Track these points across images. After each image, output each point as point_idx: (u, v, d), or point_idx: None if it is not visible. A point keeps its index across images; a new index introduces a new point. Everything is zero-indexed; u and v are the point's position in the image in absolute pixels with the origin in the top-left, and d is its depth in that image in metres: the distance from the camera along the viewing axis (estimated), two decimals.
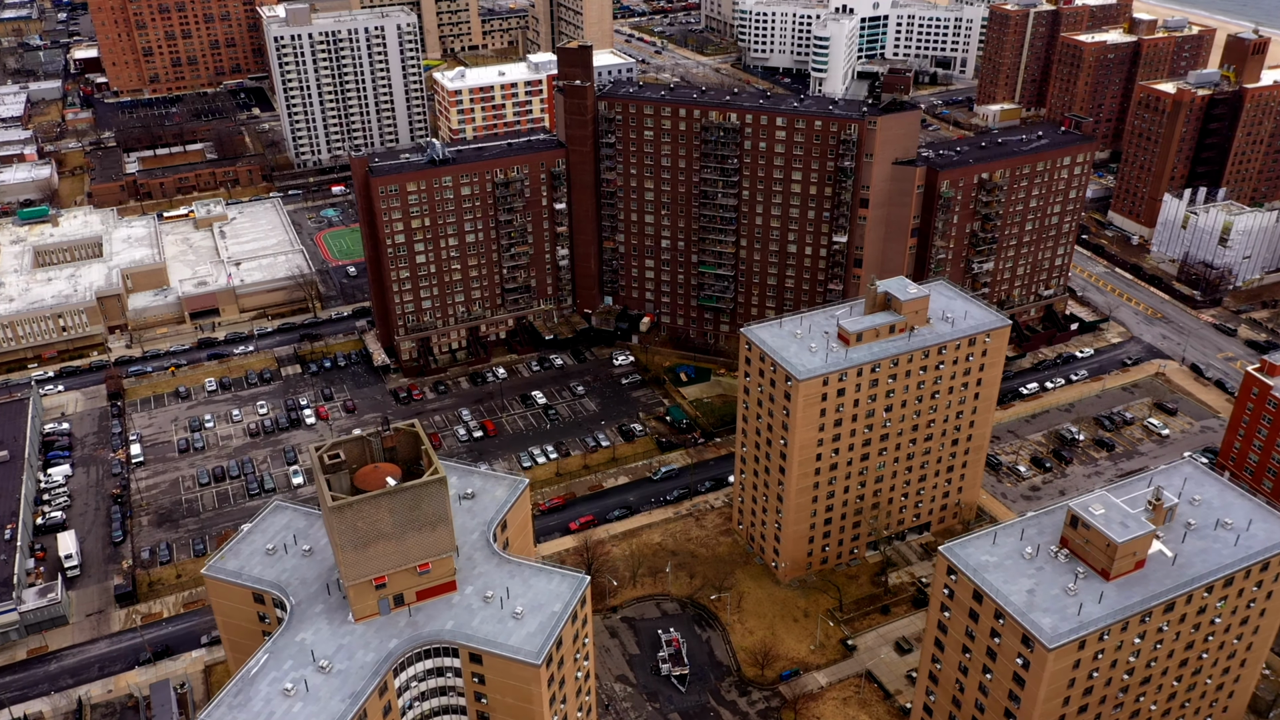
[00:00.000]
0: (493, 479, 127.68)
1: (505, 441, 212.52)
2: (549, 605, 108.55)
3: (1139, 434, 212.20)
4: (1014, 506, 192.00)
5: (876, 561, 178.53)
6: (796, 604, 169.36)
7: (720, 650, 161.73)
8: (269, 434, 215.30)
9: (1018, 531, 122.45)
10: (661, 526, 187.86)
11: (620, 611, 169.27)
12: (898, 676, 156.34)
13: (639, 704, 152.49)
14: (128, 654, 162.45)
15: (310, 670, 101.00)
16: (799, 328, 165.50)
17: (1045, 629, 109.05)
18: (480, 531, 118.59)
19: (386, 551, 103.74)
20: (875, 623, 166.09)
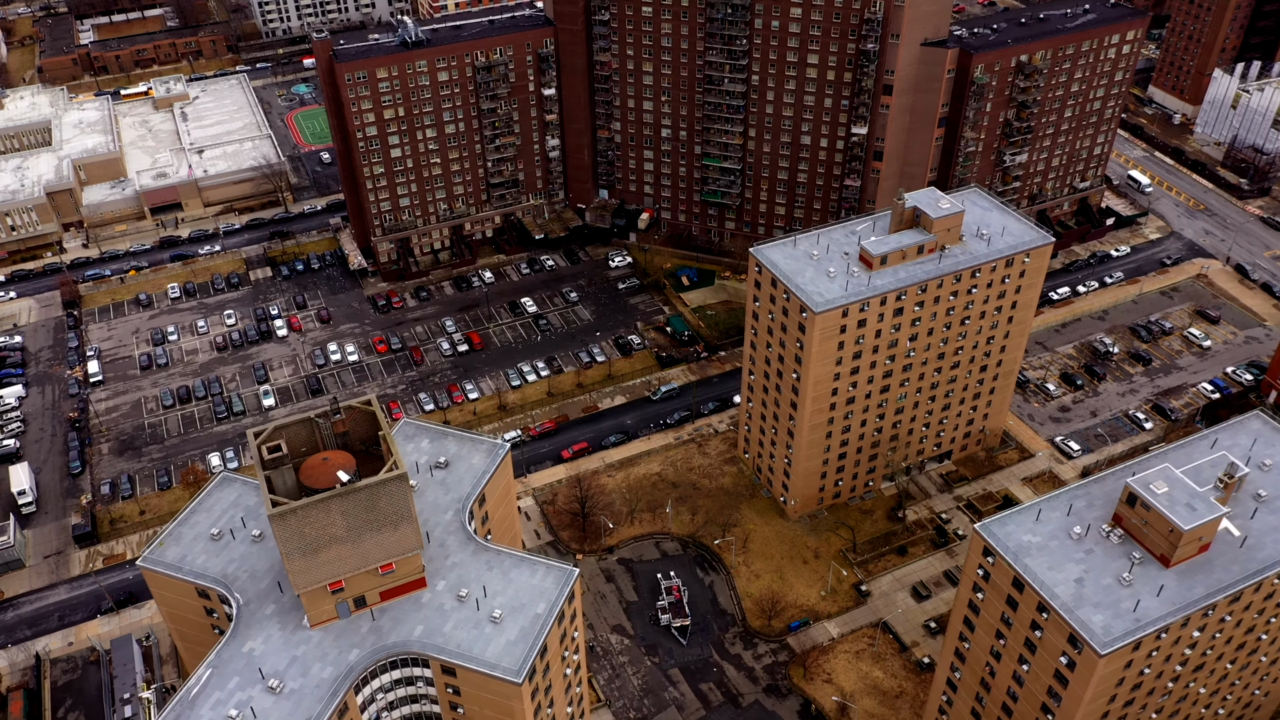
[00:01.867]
0: (469, 443, 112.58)
1: (492, 356, 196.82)
2: (532, 606, 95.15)
3: (1178, 345, 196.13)
4: (1041, 430, 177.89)
5: (893, 495, 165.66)
6: (806, 544, 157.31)
7: (724, 597, 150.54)
8: (237, 348, 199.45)
9: (1064, 505, 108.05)
10: (661, 454, 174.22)
11: (617, 553, 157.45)
12: (914, 626, 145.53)
13: (636, 658, 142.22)
14: (89, 601, 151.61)
15: (259, 690, 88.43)
16: (815, 247, 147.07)
17: (1096, 630, 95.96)
18: (455, 510, 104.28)
19: (341, 555, 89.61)
20: (891, 565, 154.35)
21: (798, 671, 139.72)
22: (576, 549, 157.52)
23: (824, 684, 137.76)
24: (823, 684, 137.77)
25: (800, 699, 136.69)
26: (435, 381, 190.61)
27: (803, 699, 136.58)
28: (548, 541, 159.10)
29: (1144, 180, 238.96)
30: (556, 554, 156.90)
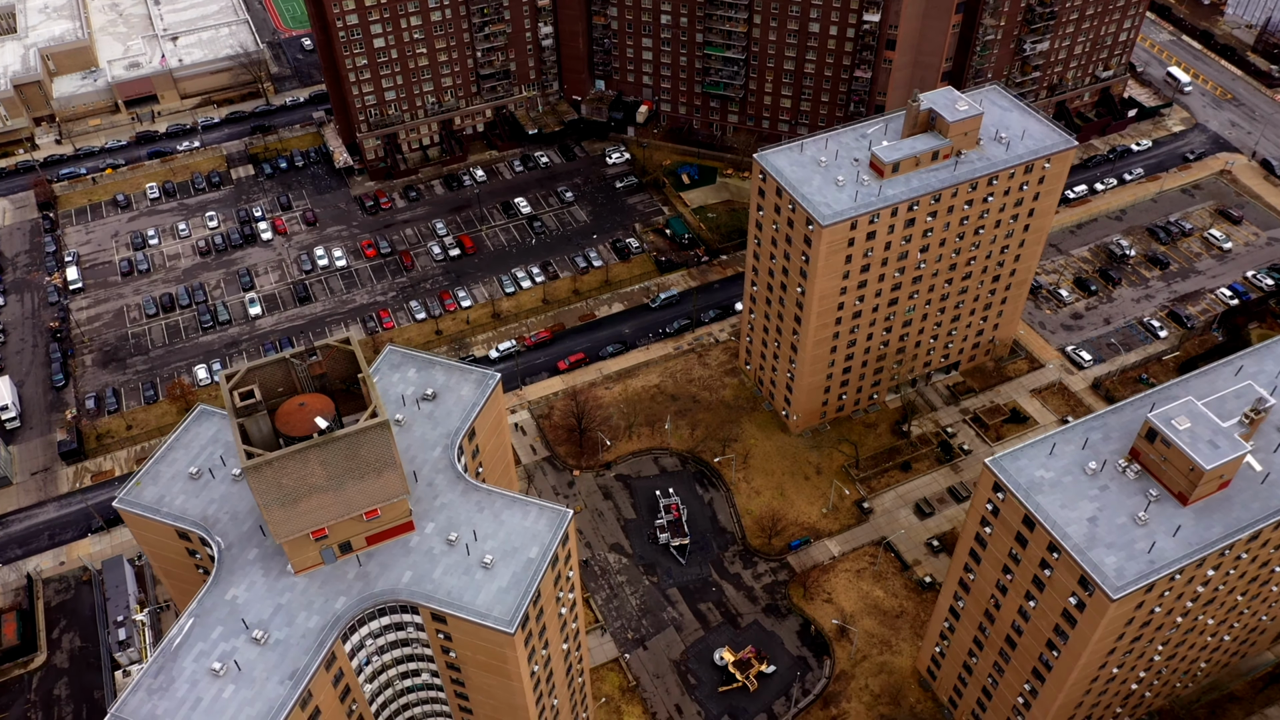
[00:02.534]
0: (457, 373, 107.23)
1: (485, 260, 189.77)
2: (524, 550, 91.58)
3: (1197, 247, 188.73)
4: (1052, 338, 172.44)
5: (898, 408, 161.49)
6: (808, 459, 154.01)
7: (724, 514, 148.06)
8: (221, 252, 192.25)
9: (1079, 438, 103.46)
10: (660, 365, 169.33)
11: (615, 468, 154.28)
12: (917, 545, 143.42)
13: (635, 578, 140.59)
14: (79, 520, 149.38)
15: (243, 641, 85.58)
16: (823, 153, 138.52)
17: (1109, 573, 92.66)
18: (443, 447, 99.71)
19: (323, 504, 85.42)
20: (894, 481, 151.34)
21: (797, 591, 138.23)
22: (573, 465, 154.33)
23: (824, 604, 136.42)
24: (822, 604, 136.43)
25: (800, 619, 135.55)
26: (426, 288, 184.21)
27: (802, 619, 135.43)
28: (544, 457, 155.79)
29: (1184, 78, 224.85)
30: (553, 470, 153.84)
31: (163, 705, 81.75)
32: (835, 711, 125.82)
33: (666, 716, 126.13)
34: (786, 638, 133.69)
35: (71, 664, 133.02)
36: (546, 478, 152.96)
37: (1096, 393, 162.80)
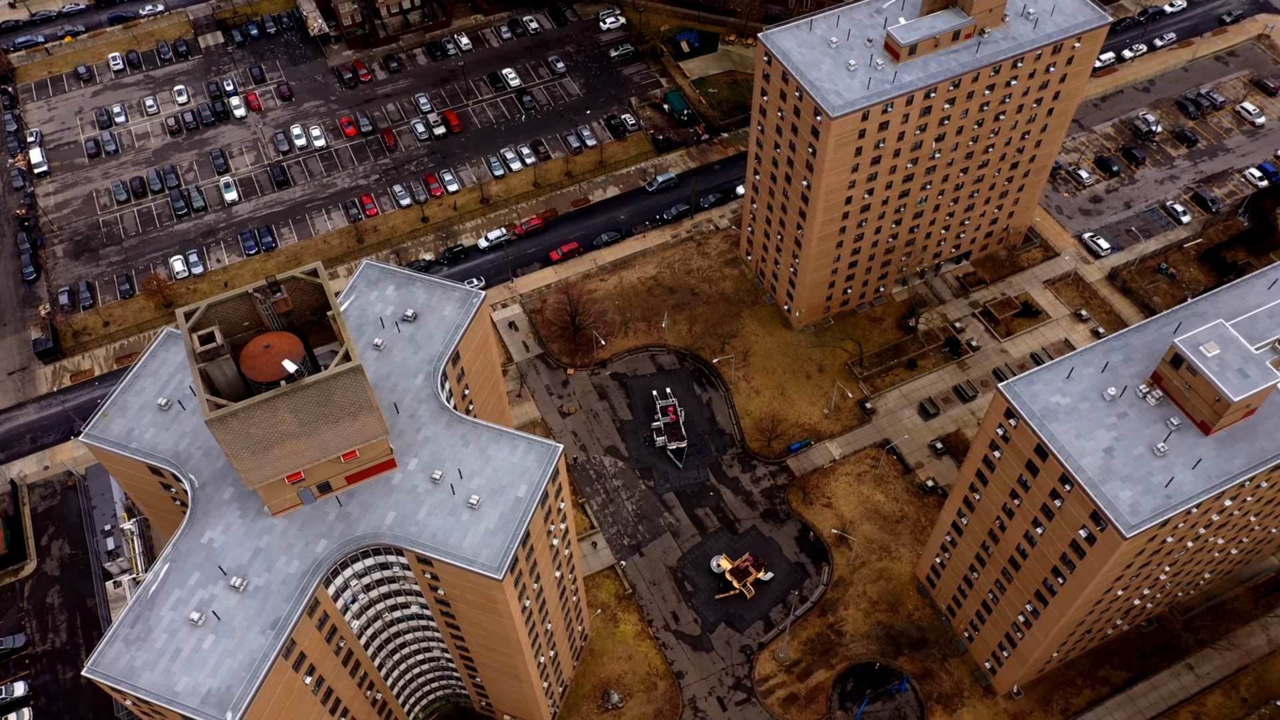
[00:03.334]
0: (439, 291, 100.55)
1: (472, 139, 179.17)
2: (512, 488, 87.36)
3: (1228, 122, 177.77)
4: (1070, 224, 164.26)
5: (905, 300, 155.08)
6: (810, 356, 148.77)
7: (722, 415, 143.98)
8: (192, 131, 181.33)
9: (1100, 360, 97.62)
10: (657, 254, 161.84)
11: (610, 366, 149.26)
12: (920, 447, 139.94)
13: (631, 482, 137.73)
14: (60, 422, 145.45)
15: (221, 588, 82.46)
16: (834, 32, 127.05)
17: (1123, 510, 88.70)
18: (425, 374, 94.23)
19: (296, 450, 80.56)
20: (898, 380, 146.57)
21: (796, 496, 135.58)
22: (567, 363, 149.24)
23: (823, 509, 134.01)
24: (822, 509, 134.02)
25: (799, 525, 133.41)
26: (411, 170, 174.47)
27: (801, 525, 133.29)
28: (537, 355, 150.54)
29: None
30: (547, 369, 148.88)
31: (141, 657, 79.30)
32: (833, 619, 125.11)
33: (663, 624, 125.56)
34: (785, 544, 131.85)
35: (62, 572, 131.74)
36: (540, 377, 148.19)
37: (1112, 284, 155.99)
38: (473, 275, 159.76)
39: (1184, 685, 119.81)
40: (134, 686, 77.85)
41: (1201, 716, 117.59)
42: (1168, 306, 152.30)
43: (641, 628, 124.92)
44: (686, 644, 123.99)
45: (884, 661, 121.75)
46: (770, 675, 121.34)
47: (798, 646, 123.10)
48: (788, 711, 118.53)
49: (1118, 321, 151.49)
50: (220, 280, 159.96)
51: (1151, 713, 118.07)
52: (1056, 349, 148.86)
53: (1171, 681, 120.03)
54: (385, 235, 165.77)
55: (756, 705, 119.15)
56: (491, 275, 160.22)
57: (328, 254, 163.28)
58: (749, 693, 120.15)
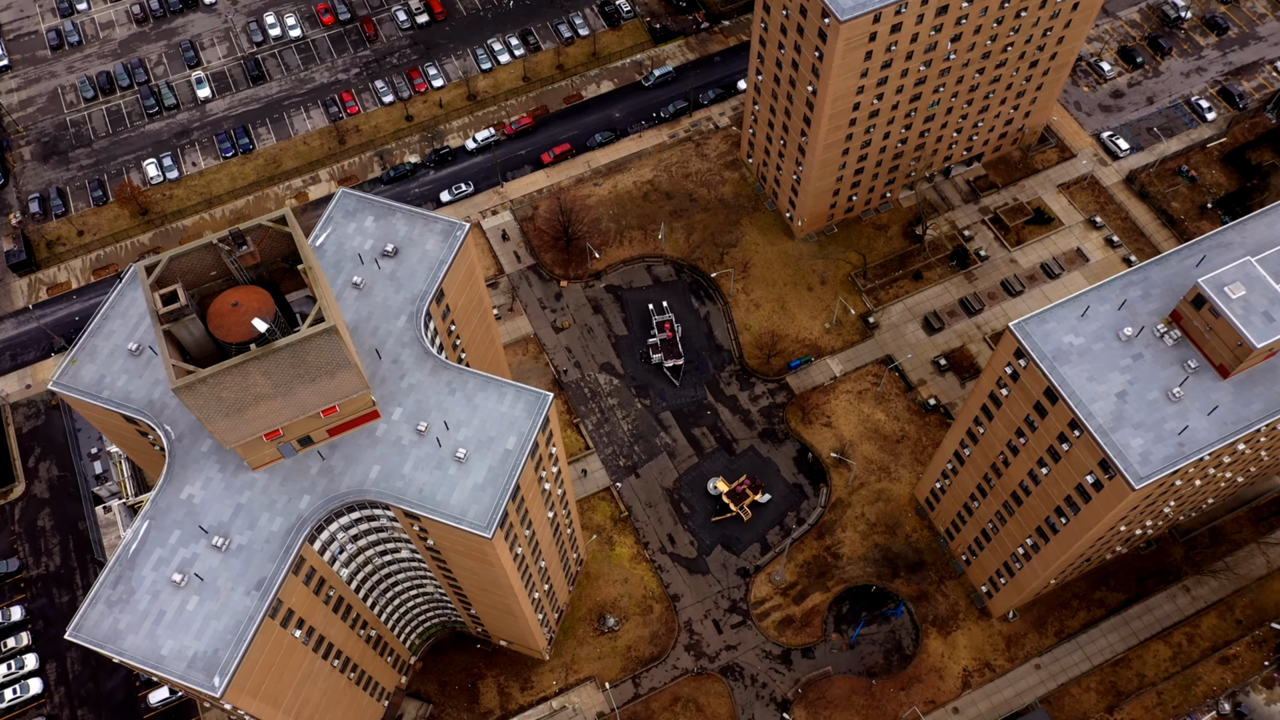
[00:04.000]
0: (421, 222, 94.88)
1: (458, 28, 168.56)
2: (500, 440, 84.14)
3: (1262, 7, 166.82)
4: (1088, 122, 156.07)
5: (912, 206, 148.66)
6: (812, 267, 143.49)
7: (721, 330, 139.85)
8: (159, 19, 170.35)
9: (1117, 296, 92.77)
10: (654, 156, 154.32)
11: (605, 278, 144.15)
12: (923, 363, 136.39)
13: (626, 400, 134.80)
14: (39, 338, 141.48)
15: (203, 548, 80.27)
16: None
17: (1133, 460, 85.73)
18: (408, 315, 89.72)
19: (272, 409, 76.87)
20: (903, 292, 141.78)
21: (795, 415, 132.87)
22: (560, 275, 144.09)
23: (822, 428, 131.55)
24: (821, 428, 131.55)
25: (797, 445, 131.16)
26: (393, 64, 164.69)
27: (800, 445, 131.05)
28: (529, 266, 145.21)
29: None
30: (539, 281, 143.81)
31: (125, 619, 77.77)
32: (830, 541, 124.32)
33: (659, 546, 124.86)
34: (783, 464, 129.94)
35: (52, 494, 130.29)
36: (532, 289, 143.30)
37: (1130, 188, 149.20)
38: (461, 180, 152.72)
39: (1179, 607, 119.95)
40: (119, 650, 76.57)
41: (1195, 638, 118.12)
42: (1186, 212, 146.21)
43: (637, 550, 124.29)
44: (682, 567, 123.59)
45: (880, 584, 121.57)
46: (766, 598, 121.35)
47: (794, 569, 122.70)
48: (783, 634, 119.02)
49: (1133, 229, 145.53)
50: (197, 187, 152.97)
51: (1145, 634, 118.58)
52: (1068, 258, 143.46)
53: (1167, 604, 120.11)
54: (368, 136, 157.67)
55: (752, 628, 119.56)
56: (480, 179, 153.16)
57: (308, 156, 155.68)
58: (745, 615, 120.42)
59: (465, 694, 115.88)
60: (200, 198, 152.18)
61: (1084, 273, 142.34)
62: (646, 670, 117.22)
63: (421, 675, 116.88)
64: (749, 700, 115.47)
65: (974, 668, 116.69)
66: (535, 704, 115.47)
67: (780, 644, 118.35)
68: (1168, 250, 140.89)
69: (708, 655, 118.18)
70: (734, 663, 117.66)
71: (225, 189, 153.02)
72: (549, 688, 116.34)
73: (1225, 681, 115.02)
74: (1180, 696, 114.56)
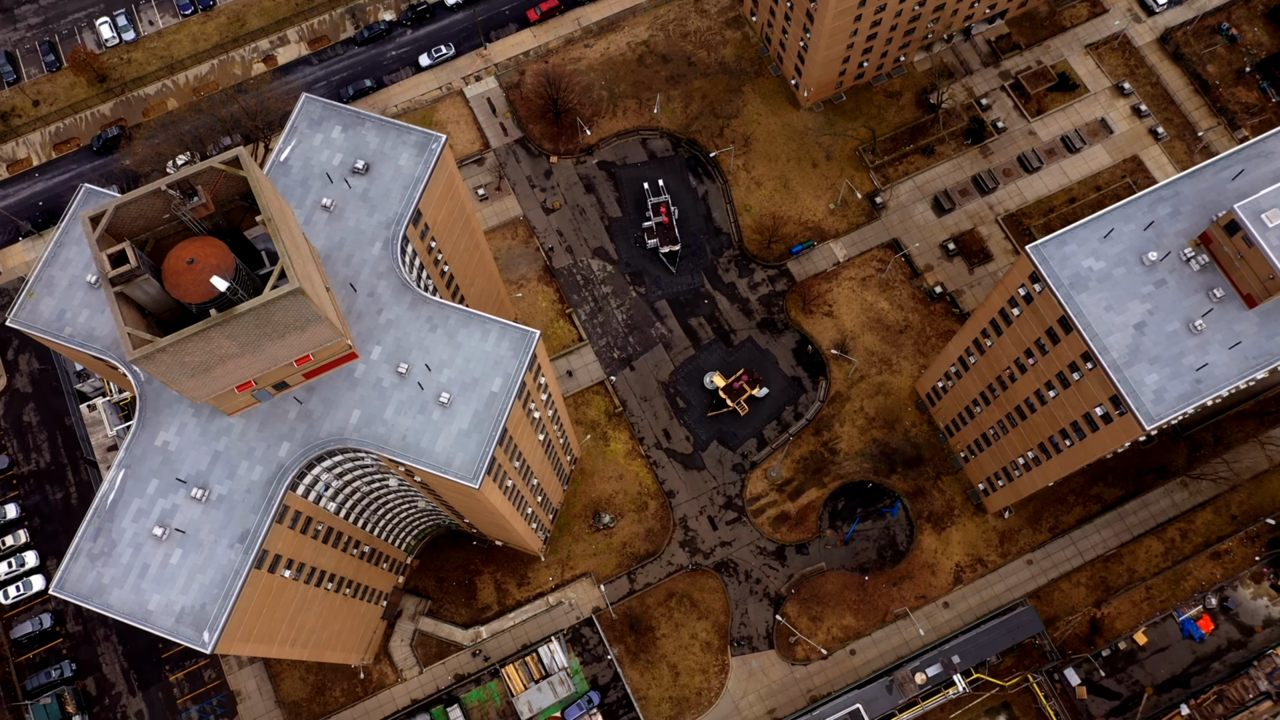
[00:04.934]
0: (393, 133, 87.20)
1: None
2: (486, 381, 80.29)
3: None
4: None
5: (927, 71, 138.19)
6: (818, 141, 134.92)
7: (719, 211, 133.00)
8: None
9: (1144, 215, 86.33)
10: (649, 13, 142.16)
11: (597, 154, 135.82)
12: (931, 247, 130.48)
13: (621, 288, 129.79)
14: (3, 223, 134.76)
15: (182, 499, 78.02)
16: None
17: (1146, 397, 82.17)
18: (383, 242, 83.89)
19: (240, 366, 72.54)
20: (913, 168, 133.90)
21: (796, 304, 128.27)
22: (550, 150, 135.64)
23: (823, 318, 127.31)
24: (822, 318, 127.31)
25: (797, 335, 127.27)
26: None
27: (799, 335, 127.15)
28: (516, 139, 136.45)
29: None
30: (528, 156, 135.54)
31: (109, 572, 76.52)
32: (827, 436, 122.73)
33: (654, 442, 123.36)
34: (781, 356, 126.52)
35: (34, 389, 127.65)
36: (520, 166, 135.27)
37: (1164, 48, 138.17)
38: (441, 41, 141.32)
39: (1175, 503, 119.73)
40: (105, 605, 75.68)
41: (1189, 534, 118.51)
42: (1221, 77, 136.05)
43: (632, 446, 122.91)
44: (678, 463, 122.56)
45: (877, 480, 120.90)
46: (762, 494, 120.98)
47: (790, 465, 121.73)
48: (778, 530, 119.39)
49: (1163, 96, 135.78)
50: (156, 50, 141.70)
51: (1140, 530, 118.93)
52: (1090, 130, 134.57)
53: (1164, 499, 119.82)
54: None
55: (747, 524, 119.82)
56: (461, 40, 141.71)
57: (274, 14, 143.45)
58: (740, 512, 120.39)
59: (463, 590, 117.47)
60: (161, 63, 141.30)
61: (1106, 146, 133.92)
62: (641, 566, 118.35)
63: (419, 572, 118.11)
64: (743, 596, 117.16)
65: (966, 564, 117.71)
66: (532, 599, 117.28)
67: (775, 540, 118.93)
68: (1196, 118, 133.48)
69: (702, 551, 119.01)
70: (728, 559, 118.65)
71: (187, 52, 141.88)
72: (545, 584, 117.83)
73: (1215, 577, 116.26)
74: (1169, 591, 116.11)
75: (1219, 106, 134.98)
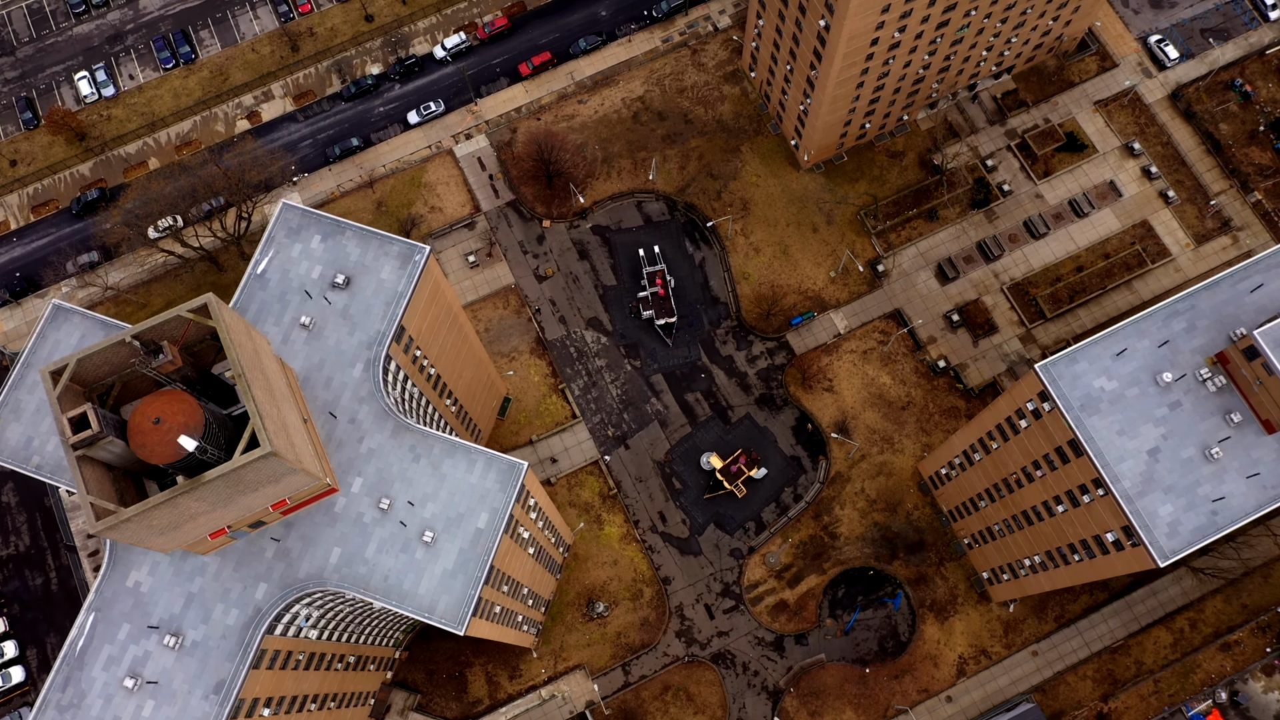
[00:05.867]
0: (375, 244, 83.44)
1: None
2: (471, 517, 76.93)
3: None
4: (1135, 21, 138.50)
5: (930, 129, 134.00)
6: (818, 203, 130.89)
7: (717, 279, 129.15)
8: None
9: (1158, 333, 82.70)
10: (645, 66, 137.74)
11: (591, 217, 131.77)
12: (934, 318, 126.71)
13: (615, 361, 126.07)
14: None
15: (155, 645, 74.78)
16: None
17: (1160, 531, 78.79)
18: (364, 363, 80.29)
19: (212, 520, 69.17)
20: (916, 233, 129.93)
21: (795, 378, 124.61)
22: (543, 213, 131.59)
23: (823, 393, 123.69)
24: (822, 393, 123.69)
25: (796, 412, 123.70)
26: None
27: (799, 412, 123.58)
28: (507, 201, 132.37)
29: None
30: (519, 220, 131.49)
31: None
32: (827, 520, 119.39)
33: (649, 525, 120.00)
34: (780, 434, 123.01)
35: None
36: (512, 230, 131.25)
37: (1175, 105, 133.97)
38: (430, 96, 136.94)
39: (1184, 590, 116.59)
40: None
41: (1198, 623, 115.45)
42: (1234, 136, 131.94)
43: (627, 530, 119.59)
44: (674, 547, 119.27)
45: (878, 566, 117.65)
46: (760, 581, 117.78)
47: (790, 550, 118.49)
48: (776, 619, 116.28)
49: (1174, 157, 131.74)
50: (137, 106, 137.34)
51: (1148, 619, 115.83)
52: (1099, 193, 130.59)
53: (1172, 586, 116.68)
54: (324, 40, 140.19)
55: (745, 613, 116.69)
56: (451, 95, 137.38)
57: (258, 67, 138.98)
58: (737, 599, 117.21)
59: (453, 683, 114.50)
60: (142, 120, 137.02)
61: (1115, 210, 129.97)
62: (636, 658, 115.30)
63: (408, 664, 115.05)
64: (740, 689, 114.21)
65: (970, 655, 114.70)
66: (524, 693, 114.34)
67: (773, 630, 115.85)
68: (1208, 180, 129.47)
69: (699, 642, 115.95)
70: (726, 650, 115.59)
71: (169, 108, 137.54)
72: (537, 676, 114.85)
73: (1225, 669, 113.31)
74: (1178, 685, 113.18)
75: (1231, 168, 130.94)
